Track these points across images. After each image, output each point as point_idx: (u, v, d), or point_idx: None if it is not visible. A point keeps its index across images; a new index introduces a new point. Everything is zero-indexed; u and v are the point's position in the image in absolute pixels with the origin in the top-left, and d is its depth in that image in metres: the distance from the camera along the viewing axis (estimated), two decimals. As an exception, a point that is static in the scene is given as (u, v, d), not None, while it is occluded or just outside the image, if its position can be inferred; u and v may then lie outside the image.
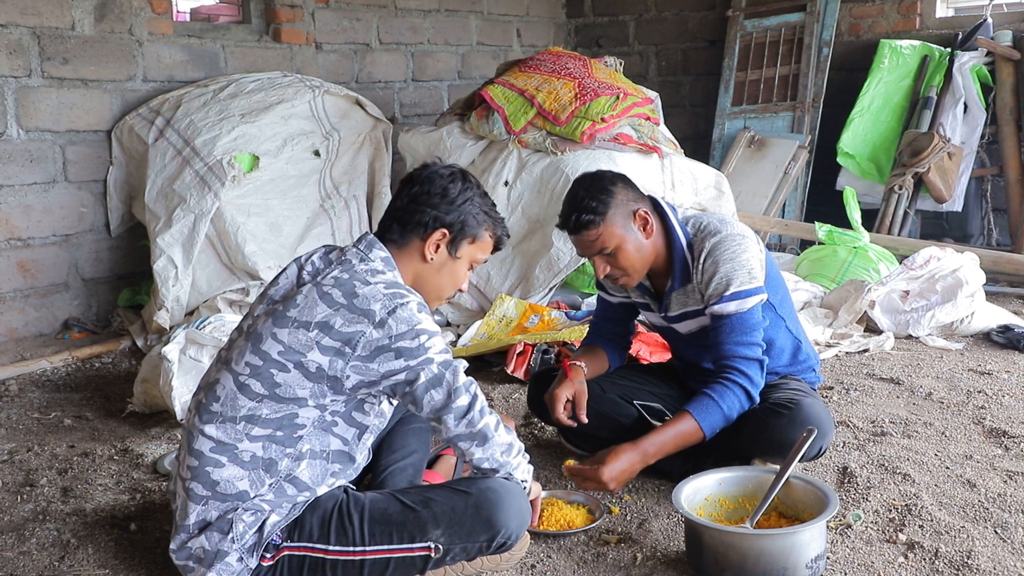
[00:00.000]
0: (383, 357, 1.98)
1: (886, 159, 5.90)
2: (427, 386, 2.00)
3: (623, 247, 2.53)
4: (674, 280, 2.63)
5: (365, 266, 2.08)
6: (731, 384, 2.49)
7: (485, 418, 2.06)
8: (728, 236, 2.56)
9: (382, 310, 1.97)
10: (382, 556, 2.04)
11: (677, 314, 2.69)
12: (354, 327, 1.97)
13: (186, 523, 2.05)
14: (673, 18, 7.06)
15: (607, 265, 2.56)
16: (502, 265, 4.57)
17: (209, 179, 4.35)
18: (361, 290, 2.00)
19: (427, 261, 2.14)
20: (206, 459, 2.03)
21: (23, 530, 2.56)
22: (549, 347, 3.75)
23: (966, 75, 5.68)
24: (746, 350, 2.51)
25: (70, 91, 4.54)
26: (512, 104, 4.85)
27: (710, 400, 2.48)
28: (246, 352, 2.04)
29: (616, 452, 2.43)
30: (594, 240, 2.51)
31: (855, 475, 2.69)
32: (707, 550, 2.16)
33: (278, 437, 2.03)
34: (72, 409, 3.65)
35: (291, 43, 5.48)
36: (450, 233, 2.13)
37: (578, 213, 2.50)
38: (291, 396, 2.01)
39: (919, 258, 4.25)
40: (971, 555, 2.24)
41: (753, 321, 2.52)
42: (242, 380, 2.02)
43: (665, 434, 2.47)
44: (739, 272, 2.51)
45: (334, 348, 1.97)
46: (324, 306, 1.99)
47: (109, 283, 4.83)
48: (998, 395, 3.38)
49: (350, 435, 2.12)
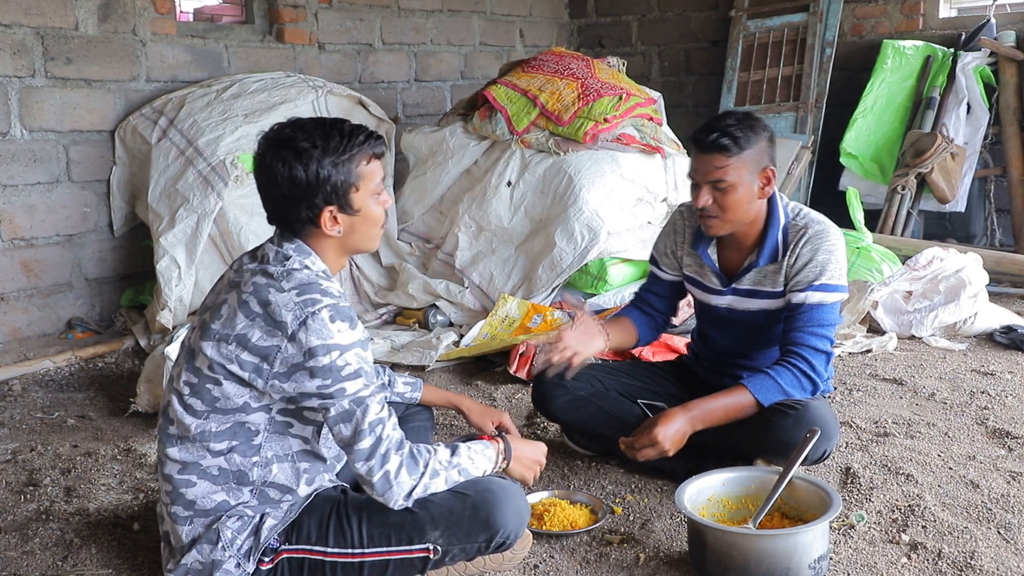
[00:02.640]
0: (298, 375, 1.92)
1: (889, 159, 5.89)
2: (336, 419, 1.95)
3: (737, 189, 2.47)
4: (760, 256, 2.58)
5: (280, 266, 1.99)
6: (793, 368, 2.47)
7: (386, 465, 1.95)
8: (829, 229, 2.56)
9: (293, 321, 1.91)
10: (381, 558, 2.04)
11: (747, 289, 2.63)
12: (270, 341, 1.92)
13: (179, 546, 2.06)
14: (676, 18, 7.05)
15: (711, 198, 2.49)
16: (505, 265, 4.58)
17: (212, 179, 4.35)
18: (274, 297, 1.93)
19: (336, 235, 2.02)
20: (177, 481, 2.04)
21: (26, 530, 2.56)
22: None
23: (969, 75, 5.68)
24: (817, 341, 2.49)
25: (73, 91, 4.55)
26: (515, 104, 4.85)
27: (768, 377, 2.47)
28: (183, 371, 2.03)
29: (668, 415, 2.43)
30: (719, 167, 2.45)
31: (858, 476, 2.69)
32: (710, 550, 2.16)
33: (237, 447, 2.02)
34: (75, 409, 3.66)
35: (294, 43, 5.48)
36: (333, 204, 1.98)
37: (721, 133, 2.43)
38: (232, 407, 1.99)
39: (922, 258, 4.25)
40: (974, 556, 2.23)
41: (831, 316, 2.51)
42: (185, 400, 2.02)
43: (716, 401, 2.46)
44: (833, 266, 2.51)
45: (252, 364, 1.94)
46: (242, 316, 1.95)
47: (112, 283, 4.83)
48: (1001, 396, 3.38)
49: (308, 433, 2.08)
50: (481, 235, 4.69)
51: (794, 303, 2.53)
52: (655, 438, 2.39)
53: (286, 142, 1.95)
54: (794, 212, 2.61)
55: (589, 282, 4.57)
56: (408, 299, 4.63)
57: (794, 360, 2.49)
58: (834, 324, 2.53)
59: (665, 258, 2.83)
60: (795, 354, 2.49)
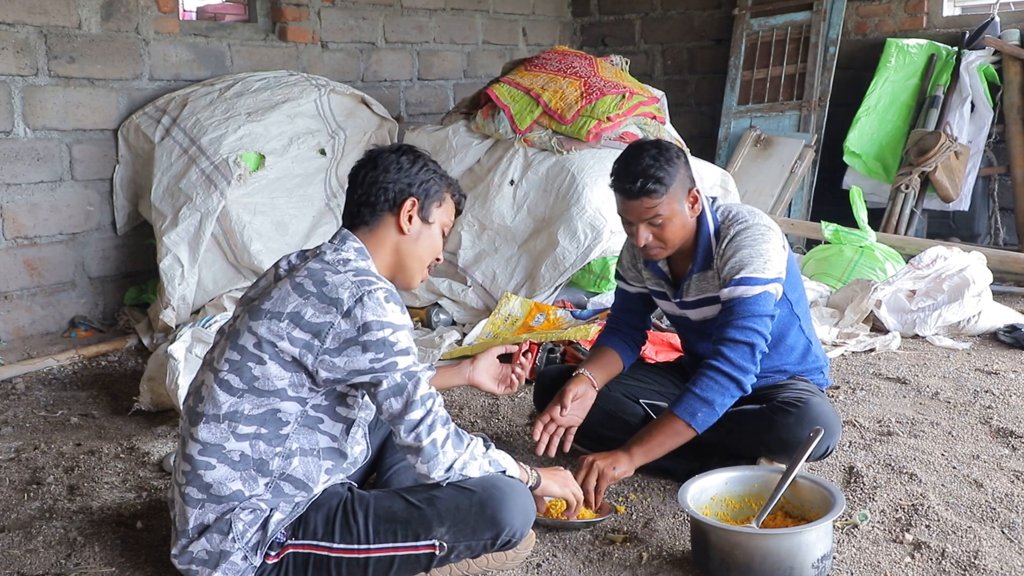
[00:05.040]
0: (350, 351, 1.98)
1: (892, 158, 5.89)
2: (387, 393, 2.01)
3: (672, 220, 2.52)
4: (695, 263, 2.62)
5: (337, 255, 2.09)
6: (709, 374, 2.46)
7: (433, 433, 2.03)
8: (754, 225, 2.56)
9: (350, 298, 1.98)
10: (387, 554, 2.04)
11: (694, 299, 2.67)
12: (323, 317, 1.98)
13: (185, 528, 2.06)
14: (679, 17, 7.05)
15: (650, 235, 2.53)
16: (508, 264, 4.57)
17: (215, 178, 4.36)
18: (331, 278, 2.01)
19: (404, 232, 2.16)
20: (197, 462, 2.04)
21: (30, 528, 2.56)
22: (555, 346, 3.75)
23: (973, 74, 5.67)
24: (739, 333, 2.46)
25: (76, 90, 4.55)
26: (518, 103, 4.85)
27: (691, 396, 2.45)
28: (226, 349, 2.06)
29: (602, 460, 2.45)
30: (650, 208, 2.49)
31: (861, 475, 2.69)
32: (713, 549, 2.16)
33: (264, 435, 2.03)
34: (78, 407, 3.66)
35: (297, 42, 5.48)
36: (419, 200, 2.16)
37: (644, 180, 2.46)
38: (270, 388, 2.01)
39: (926, 257, 4.24)
40: (978, 555, 2.23)
41: (756, 307, 2.48)
42: (222, 376, 2.04)
43: (652, 438, 2.47)
44: (755, 259, 2.50)
45: (303, 340, 1.98)
46: (296, 296, 2.01)
47: (115, 281, 4.84)
48: (1005, 395, 3.37)
49: (337, 431, 2.12)
50: (484, 234, 4.69)
51: (721, 300, 2.54)
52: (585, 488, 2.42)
53: (409, 149, 2.21)
54: (723, 215, 2.63)
55: (592, 281, 4.56)
56: (411, 298, 4.63)
57: (710, 364, 2.46)
58: (761, 315, 2.48)
59: (629, 271, 2.87)
60: (712, 355, 2.48)
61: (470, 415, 3.39)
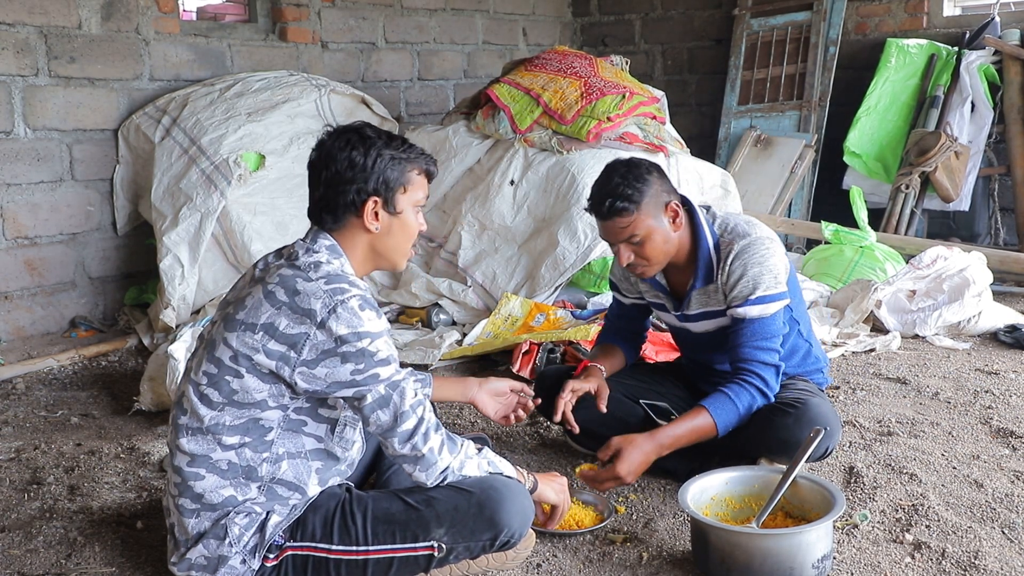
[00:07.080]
0: (329, 361, 1.94)
1: (893, 158, 5.88)
2: (373, 406, 1.99)
3: (651, 237, 2.51)
4: (696, 279, 2.62)
5: (309, 258, 2.04)
6: (748, 385, 2.50)
7: (430, 441, 2.03)
8: (757, 239, 2.56)
9: (323, 308, 1.93)
10: (385, 555, 2.04)
11: (696, 313, 2.68)
12: (298, 328, 1.94)
13: (186, 539, 2.06)
14: (679, 17, 7.05)
15: (631, 253, 2.54)
16: (508, 264, 4.57)
17: (215, 178, 4.36)
18: (302, 286, 1.97)
19: (372, 232, 2.09)
20: (186, 473, 2.04)
21: (30, 528, 2.56)
22: (555, 346, 3.75)
23: (973, 74, 5.67)
24: (765, 355, 2.51)
25: (77, 90, 4.55)
26: (518, 103, 4.85)
27: (727, 398, 2.48)
28: (203, 361, 2.03)
29: (630, 445, 2.42)
30: (624, 227, 2.49)
31: (862, 475, 2.69)
32: (713, 550, 2.16)
33: (248, 443, 2.02)
34: (79, 407, 3.66)
35: (297, 42, 5.48)
36: (380, 197, 2.06)
37: (612, 199, 2.46)
38: (250, 401, 2.00)
39: (926, 257, 4.24)
40: (978, 555, 2.23)
41: (774, 327, 2.52)
42: (202, 390, 2.02)
43: (680, 427, 2.47)
44: (766, 276, 2.51)
45: (279, 352, 1.95)
46: (268, 305, 1.97)
47: (116, 282, 4.84)
48: (1005, 395, 3.37)
49: (322, 431, 2.10)
50: (484, 234, 4.69)
51: (735, 318, 2.55)
52: (617, 473, 2.40)
53: (355, 130, 2.08)
54: (722, 228, 2.62)
55: (592, 281, 4.56)
56: (411, 298, 4.63)
57: (748, 378, 2.51)
58: (778, 335, 2.54)
59: (623, 283, 2.88)
60: (748, 371, 2.51)
61: (470, 415, 3.39)
